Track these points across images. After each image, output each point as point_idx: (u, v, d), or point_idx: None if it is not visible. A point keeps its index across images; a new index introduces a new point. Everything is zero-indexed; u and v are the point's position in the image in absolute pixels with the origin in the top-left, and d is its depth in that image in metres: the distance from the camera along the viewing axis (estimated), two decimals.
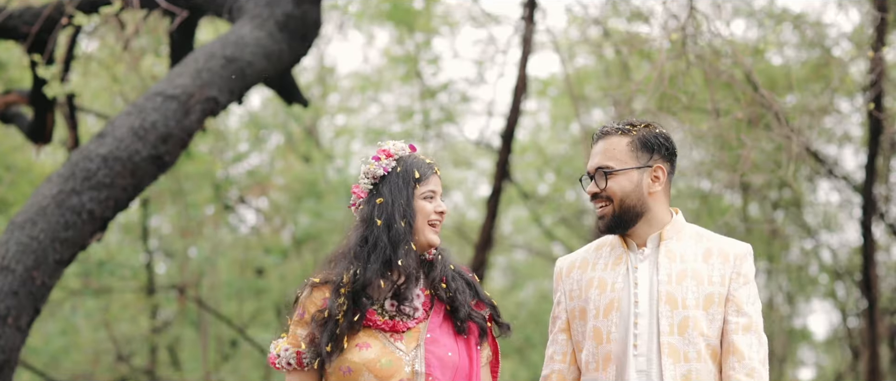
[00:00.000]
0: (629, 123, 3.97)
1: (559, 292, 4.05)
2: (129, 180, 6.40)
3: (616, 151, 3.90)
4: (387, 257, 3.73)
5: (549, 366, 4.04)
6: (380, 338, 3.73)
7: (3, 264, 6.02)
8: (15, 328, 5.98)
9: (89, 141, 6.47)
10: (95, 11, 7.63)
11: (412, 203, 3.78)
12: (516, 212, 17.44)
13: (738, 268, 3.88)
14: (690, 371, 3.79)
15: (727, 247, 3.92)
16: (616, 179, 3.88)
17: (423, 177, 3.81)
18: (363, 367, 3.68)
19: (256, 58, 7.02)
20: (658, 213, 3.92)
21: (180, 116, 6.54)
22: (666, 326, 3.81)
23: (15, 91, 8.70)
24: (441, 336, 3.76)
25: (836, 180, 12.55)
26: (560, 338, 4.02)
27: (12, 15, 7.74)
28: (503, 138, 11.81)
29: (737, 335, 3.82)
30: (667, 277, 3.85)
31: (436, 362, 3.71)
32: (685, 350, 3.80)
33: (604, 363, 3.86)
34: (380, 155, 3.84)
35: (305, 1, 7.23)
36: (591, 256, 4.03)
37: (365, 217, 3.80)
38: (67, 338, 14.03)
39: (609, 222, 3.91)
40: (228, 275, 15.14)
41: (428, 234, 3.81)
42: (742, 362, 3.80)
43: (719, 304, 3.84)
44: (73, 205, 6.23)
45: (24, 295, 6.03)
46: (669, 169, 3.96)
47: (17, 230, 6.11)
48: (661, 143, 3.93)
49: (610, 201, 3.89)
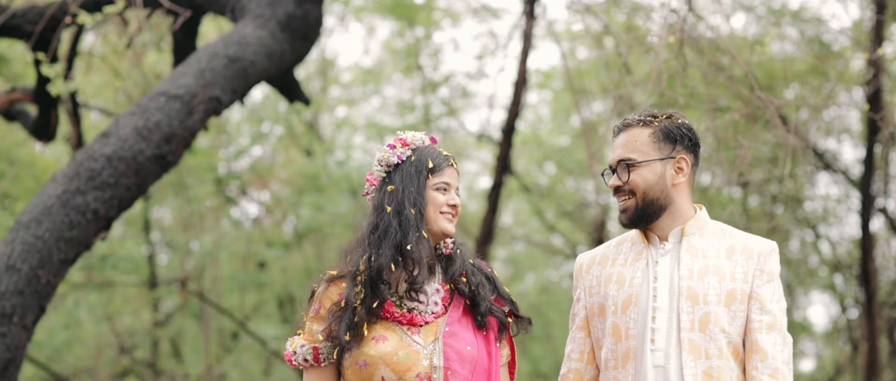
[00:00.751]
0: (651, 114, 3.91)
1: (579, 288, 3.98)
2: (133, 180, 6.45)
3: (638, 143, 3.84)
4: (397, 242, 3.68)
5: (567, 364, 3.98)
6: (397, 331, 3.68)
7: (8, 263, 6.07)
8: (21, 326, 6.04)
9: (93, 141, 6.52)
10: (99, 10, 7.68)
11: (424, 192, 3.73)
12: (517, 203, 17.48)
13: (762, 265, 3.80)
14: (712, 368, 3.72)
15: (751, 243, 3.85)
16: (638, 171, 3.82)
17: (437, 168, 3.76)
18: (379, 360, 3.63)
19: (259, 57, 7.06)
20: (681, 206, 3.86)
21: (184, 115, 6.59)
22: (686, 321, 3.74)
23: (19, 89, 8.75)
24: (460, 330, 3.71)
25: (834, 175, 12.60)
26: (578, 336, 3.97)
27: (16, 14, 7.78)
28: (504, 133, 11.86)
29: (760, 333, 3.74)
30: (688, 272, 3.78)
31: (454, 355, 3.66)
32: (706, 347, 3.73)
33: (623, 360, 3.80)
34: (396, 143, 3.81)
35: (307, 1, 7.28)
36: (611, 252, 3.97)
37: (376, 205, 3.76)
38: (70, 332, 14.09)
39: (632, 215, 3.85)
40: (230, 268, 15.20)
41: (441, 222, 3.75)
42: (765, 361, 3.73)
43: (742, 301, 3.76)
44: (77, 204, 6.28)
45: (30, 294, 6.08)
46: (693, 161, 3.89)
47: (23, 230, 6.17)
48: (683, 133, 3.87)
49: (633, 194, 3.83)
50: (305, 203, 14.01)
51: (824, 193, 13.74)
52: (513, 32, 12.16)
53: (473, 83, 14.68)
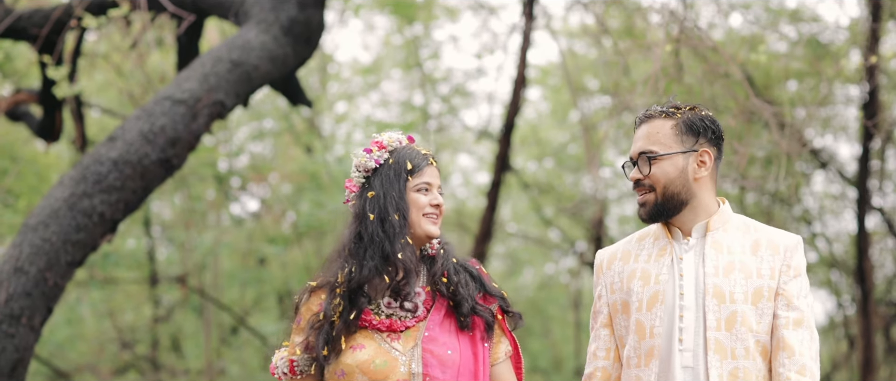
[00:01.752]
0: (674, 105, 3.80)
1: (600, 285, 3.88)
2: (138, 183, 6.54)
3: (660, 135, 3.72)
4: (385, 252, 3.60)
5: (593, 363, 3.86)
6: (375, 339, 3.60)
7: (17, 265, 6.16)
8: (28, 327, 6.14)
9: (100, 144, 6.60)
10: (103, 13, 7.77)
11: (405, 196, 3.64)
12: (516, 199, 17.54)
13: (789, 260, 3.69)
14: (738, 369, 3.62)
15: (777, 238, 3.74)
16: (660, 164, 3.70)
17: (416, 168, 3.67)
18: (356, 369, 3.56)
19: (262, 61, 7.14)
20: (704, 200, 3.74)
21: (188, 119, 6.68)
22: (713, 320, 3.63)
23: (24, 90, 8.84)
24: (441, 334, 3.61)
25: (830, 173, 12.69)
26: (603, 333, 3.85)
27: (22, 16, 7.87)
28: (502, 132, 11.94)
29: (787, 330, 3.64)
30: (714, 269, 3.67)
31: (434, 361, 3.57)
32: (732, 347, 3.62)
33: (646, 358, 3.69)
34: (372, 147, 3.71)
35: (309, 5, 7.36)
36: (633, 247, 3.85)
37: (358, 212, 3.68)
38: (72, 328, 14.19)
39: (651, 209, 3.73)
40: (230, 264, 15.29)
41: (425, 225, 3.67)
42: (793, 358, 3.62)
43: (769, 298, 3.66)
44: (84, 208, 6.37)
45: (38, 296, 6.17)
46: (716, 154, 3.78)
47: (30, 233, 6.26)
48: (707, 126, 3.75)
49: (653, 188, 3.71)
50: (305, 200, 14.10)
51: (821, 191, 13.83)
52: (512, 32, 12.23)
53: (473, 82, 14.75)
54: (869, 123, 8.95)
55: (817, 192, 13.83)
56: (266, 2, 7.38)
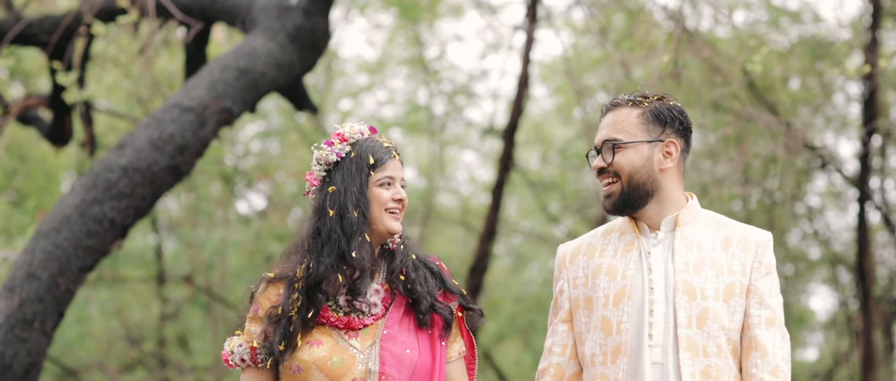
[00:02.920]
0: (642, 94, 3.71)
1: (562, 280, 3.77)
2: (148, 190, 6.67)
3: (625, 124, 3.63)
4: (341, 250, 3.51)
5: (548, 359, 3.76)
6: (333, 336, 3.52)
7: (29, 271, 6.30)
8: (41, 332, 6.27)
9: (109, 151, 6.73)
10: (112, 20, 7.90)
11: (366, 191, 3.55)
12: (521, 196, 17.59)
13: (760, 257, 3.61)
14: (710, 367, 3.53)
15: (748, 235, 3.66)
16: (624, 152, 3.62)
17: (379, 162, 3.57)
18: (313, 366, 3.48)
19: (268, 68, 7.27)
20: (671, 193, 3.65)
21: (196, 127, 6.81)
22: (683, 317, 3.53)
23: (35, 95, 8.98)
24: (399, 333, 3.54)
25: (831, 173, 12.77)
26: (560, 329, 3.74)
27: (32, 23, 8.01)
28: (506, 134, 12.02)
29: (760, 329, 3.55)
30: (683, 265, 3.58)
31: (391, 359, 3.49)
32: (704, 344, 3.53)
33: (613, 355, 3.58)
34: (333, 139, 3.63)
35: (315, 13, 7.48)
36: (598, 241, 3.75)
37: (318, 207, 3.59)
38: (81, 327, 14.32)
39: (616, 200, 3.64)
40: (237, 262, 15.41)
41: (387, 221, 3.57)
42: (766, 358, 3.54)
43: (740, 295, 3.57)
44: (95, 214, 6.50)
45: (50, 301, 6.31)
46: (683, 146, 3.69)
47: (43, 239, 6.40)
48: (674, 116, 3.66)
49: (617, 176, 3.63)
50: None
51: (823, 187, 13.90)
52: (516, 31, 12.32)
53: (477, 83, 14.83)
54: (867, 139, 9.02)
55: (819, 186, 13.89)
56: (272, 9, 7.50)
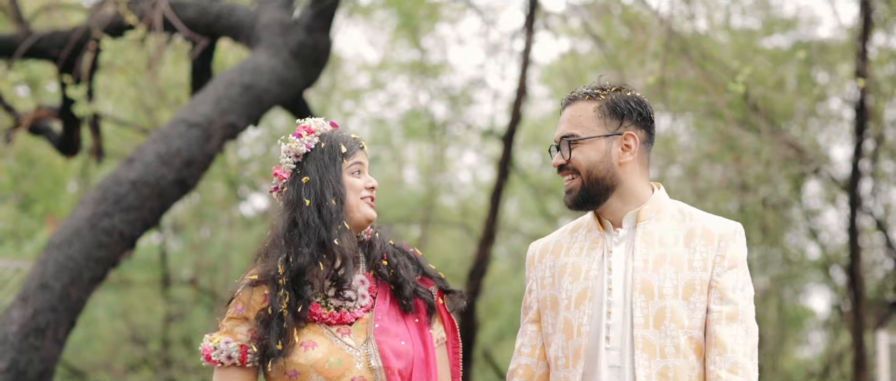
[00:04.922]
0: (599, 87, 3.55)
1: (531, 279, 3.65)
2: (155, 203, 6.92)
3: (582, 118, 3.50)
4: (321, 238, 3.44)
5: (517, 360, 3.65)
6: (326, 335, 3.45)
7: (42, 281, 6.55)
8: (53, 340, 6.52)
9: (119, 166, 6.98)
10: (121, 35, 8.14)
11: (342, 179, 3.51)
12: (522, 197, 17.74)
13: (723, 250, 3.44)
14: (667, 368, 3.38)
15: (712, 227, 3.48)
16: (581, 148, 3.49)
17: (350, 151, 3.54)
18: (310, 369, 3.40)
19: (272, 84, 7.51)
20: (633, 187, 3.51)
21: (202, 142, 7.05)
22: (640, 317, 3.40)
23: (45, 107, 9.22)
24: (390, 324, 3.49)
25: (823, 179, 12.95)
26: (530, 329, 3.63)
27: (43, 38, 8.25)
28: (505, 139, 12.21)
29: (719, 325, 3.39)
30: (643, 262, 3.44)
31: (391, 353, 3.43)
32: (661, 344, 3.39)
33: (574, 358, 3.46)
34: (301, 132, 3.56)
35: (317, 30, 7.71)
36: (565, 239, 3.63)
37: (291, 200, 3.50)
38: (88, 329, 14.55)
39: (576, 196, 3.50)
40: (241, 263, 15.61)
41: (363, 209, 3.53)
42: (724, 355, 3.36)
43: (701, 291, 3.41)
44: (105, 227, 6.75)
45: (62, 310, 6.56)
46: (644, 138, 3.54)
47: (55, 250, 6.65)
48: (632, 107, 3.51)
49: (577, 173, 3.49)
50: None
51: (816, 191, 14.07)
52: (514, 37, 12.49)
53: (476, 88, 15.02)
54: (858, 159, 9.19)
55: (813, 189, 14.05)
56: (275, 26, 7.74)
